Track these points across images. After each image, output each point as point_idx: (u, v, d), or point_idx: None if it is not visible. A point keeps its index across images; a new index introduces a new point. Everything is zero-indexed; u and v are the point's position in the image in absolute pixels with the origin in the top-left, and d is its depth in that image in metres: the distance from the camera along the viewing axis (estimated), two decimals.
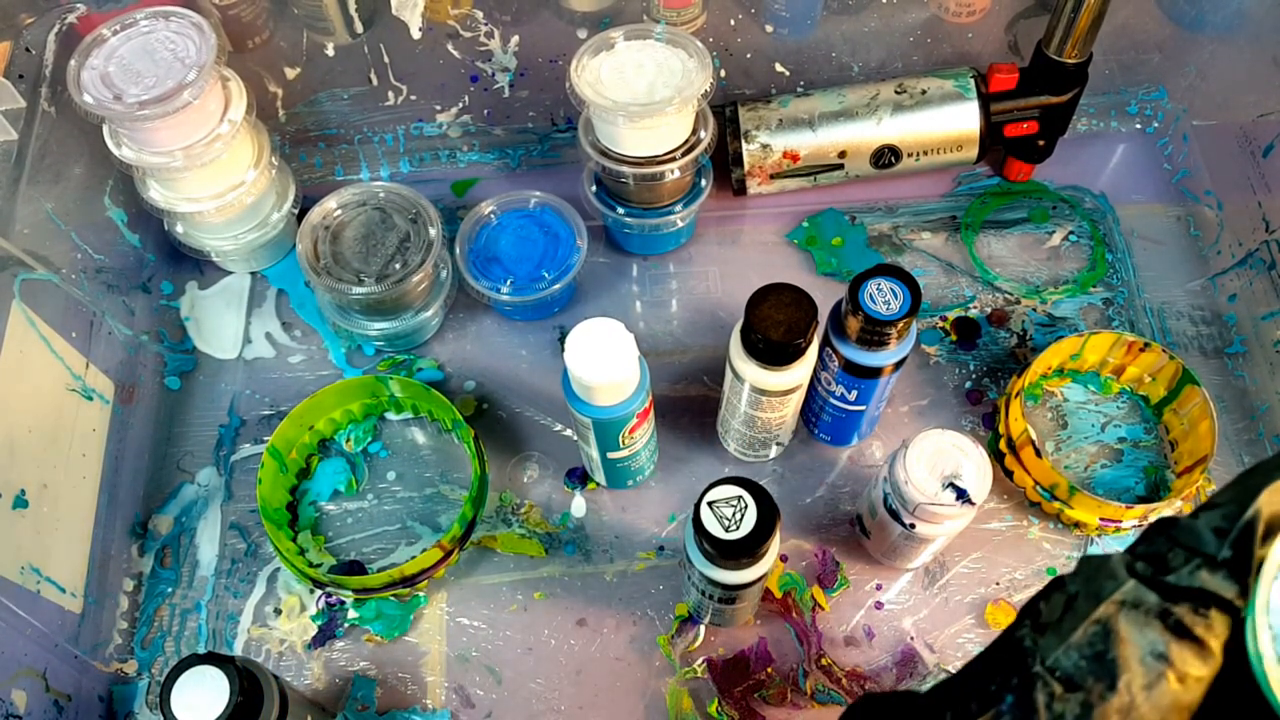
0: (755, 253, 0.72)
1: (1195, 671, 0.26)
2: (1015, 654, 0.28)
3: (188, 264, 0.71)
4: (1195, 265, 0.70)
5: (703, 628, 0.58)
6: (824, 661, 0.57)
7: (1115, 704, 0.26)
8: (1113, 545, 0.60)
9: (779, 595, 0.59)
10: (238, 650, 0.58)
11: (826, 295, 0.54)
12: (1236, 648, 0.26)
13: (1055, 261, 0.70)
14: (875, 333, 0.51)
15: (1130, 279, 0.70)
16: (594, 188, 0.67)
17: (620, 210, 0.66)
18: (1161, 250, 0.71)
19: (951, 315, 0.68)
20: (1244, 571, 0.26)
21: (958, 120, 0.68)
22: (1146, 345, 0.62)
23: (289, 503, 0.62)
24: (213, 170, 0.61)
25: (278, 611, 0.59)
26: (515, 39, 0.68)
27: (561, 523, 0.62)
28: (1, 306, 0.54)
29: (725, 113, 0.69)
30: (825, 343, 0.54)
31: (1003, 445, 0.60)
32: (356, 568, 0.60)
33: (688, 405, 0.65)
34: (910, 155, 0.69)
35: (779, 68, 0.71)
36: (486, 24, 0.67)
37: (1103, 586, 0.27)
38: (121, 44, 0.58)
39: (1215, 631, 0.26)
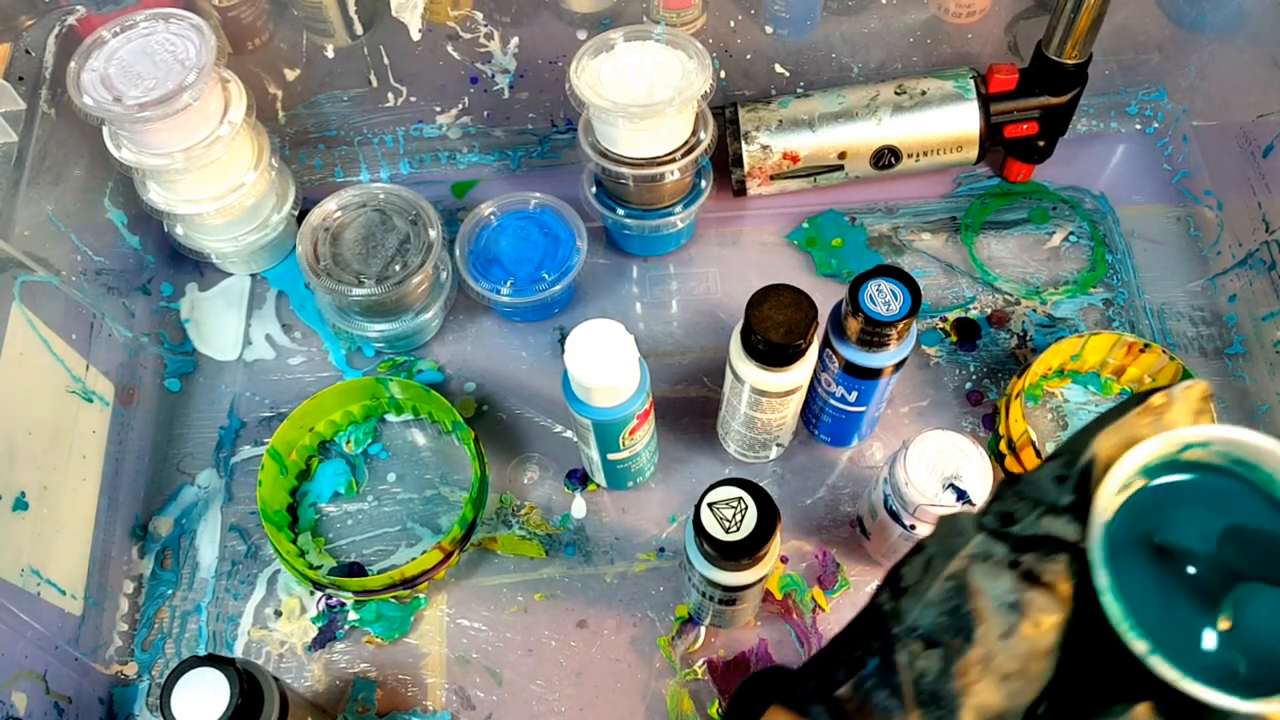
0: (755, 254, 0.72)
1: (1048, 617, 0.26)
2: (877, 619, 0.28)
3: (188, 266, 0.71)
4: (1195, 266, 0.70)
5: (703, 629, 0.58)
6: None
7: (973, 656, 0.26)
8: None
9: (779, 596, 0.59)
10: (238, 652, 0.58)
11: (826, 296, 0.54)
12: (1087, 587, 0.26)
13: (1055, 262, 0.70)
14: (875, 334, 0.51)
15: (1130, 280, 0.70)
16: (594, 189, 0.67)
17: (620, 211, 0.66)
18: (1161, 251, 0.71)
19: (951, 316, 0.68)
20: (1085, 513, 0.27)
21: (957, 121, 0.68)
22: (1147, 346, 0.62)
23: (289, 504, 0.62)
24: (212, 172, 0.61)
25: (278, 613, 0.59)
26: (515, 40, 0.68)
27: (562, 524, 0.62)
28: (1, 308, 0.54)
29: (725, 114, 0.69)
30: (825, 344, 0.54)
31: (1003, 446, 0.60)
32: (356, 569, 0.60)
33: (688, 406, 0.65)
34: (910, 156, 0.69)
35: (779, 69, 0.71)
36: (486, 25, 0.67)
37: (954, 543, 0.28)
38: (121, 46, 0.58)
39: (1064, 575, 0.26)
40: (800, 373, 0.52)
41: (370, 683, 0.57)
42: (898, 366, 0.54)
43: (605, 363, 0.49)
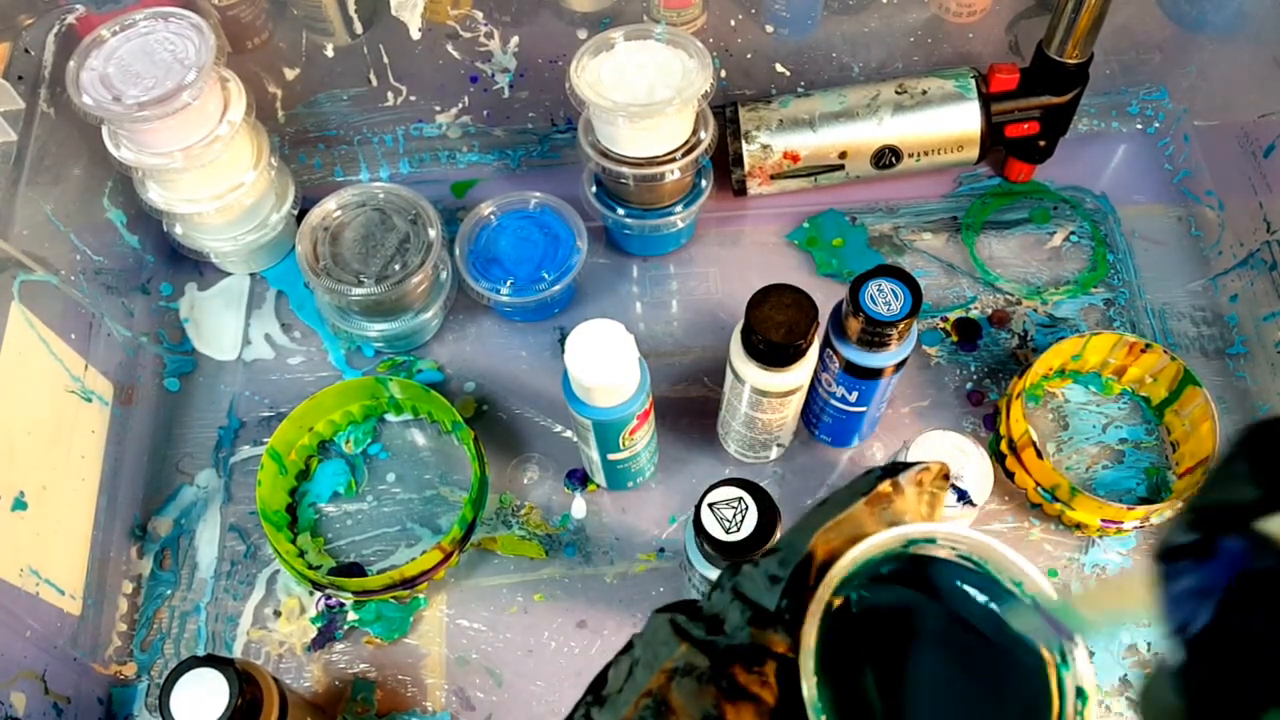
0: (755, 253, 0.71)
1: None
2: None
3: (187, 265, 0.71)
4: (1196, 266, 0.70)
5: None
6: None
7: None
8: (1114, 546, 0.60)
9: None
10: (237, 652, 0.58)
11: (827, 296, 0.54)
12: (796, 696, 0.25)
13: (1056, 262, 0.70)
14: (876, 334, 0.51)
15: (1131, 279, 0.69)
16: (594, 189, 0.67)
17: (620, 211, 0.66)
18: (1163, 251, 0.71)
19: (952, 316, 0.68)
20: (798, 621, 0.25)
21: (958, 121, 0.67)
22: (1148, 346, 0.62)
23: (288, 504, 0.62)
24: (212, 171, 0.61)
25: (277, 614, 0.59)
26: (515, 39, 0.68)
27: (561, 524, 0.61)
28: (1, 308, 0.54)
29: (725, 113, 0.69)
30: (826, 344, 0.54)
31: (1004, 446, 0.60)
32: (356, 569, 0.60)
33: (688, 406, 0.65)
34: (911, 156, 0.69)
35: (779, 68, 0.71)
36: (486, 24, 0.67)
37: (658, 653, 0.26)
38: (121, 45, 0.58)
39: (771, 685, 0.25)
40: (801, 373, 0.52)
41: (370, 683, 0.57)
42: (898, 366, 0.53)
43: (605, 363, 0.49)
